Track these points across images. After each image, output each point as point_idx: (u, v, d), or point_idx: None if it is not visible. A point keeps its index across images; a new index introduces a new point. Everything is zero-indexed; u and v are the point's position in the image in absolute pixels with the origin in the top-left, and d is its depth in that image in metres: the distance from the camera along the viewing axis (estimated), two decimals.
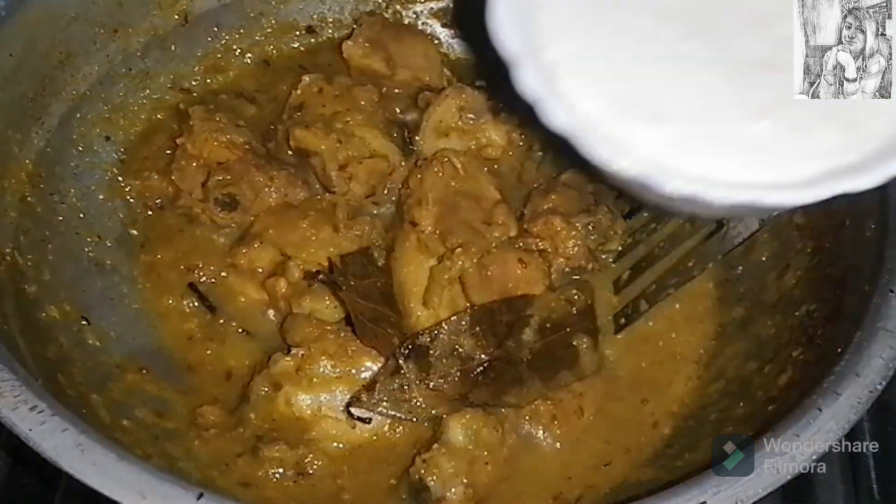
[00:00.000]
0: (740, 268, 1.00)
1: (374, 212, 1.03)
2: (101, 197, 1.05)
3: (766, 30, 0.68)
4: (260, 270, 0.99)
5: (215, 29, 1.17)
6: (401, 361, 0.87)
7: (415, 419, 0.88)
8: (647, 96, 0.67)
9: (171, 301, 1.00)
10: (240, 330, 0.99)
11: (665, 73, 0.68)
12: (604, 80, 0.68)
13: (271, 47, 1.20)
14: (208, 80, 1.17)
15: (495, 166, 1.05)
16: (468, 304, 0.91)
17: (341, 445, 0.89)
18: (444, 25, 1.23)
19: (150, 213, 1.07)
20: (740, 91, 0.67)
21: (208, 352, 0.98)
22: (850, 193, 0.64)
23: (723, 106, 0.67)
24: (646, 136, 0.66)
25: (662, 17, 0.69)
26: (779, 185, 0.65)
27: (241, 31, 1.18)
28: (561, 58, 0.68)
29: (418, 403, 0.87)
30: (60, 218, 1.00)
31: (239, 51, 1.18)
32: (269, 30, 1.20)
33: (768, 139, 0.66)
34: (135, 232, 1.06)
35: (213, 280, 1.02)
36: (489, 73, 1.07)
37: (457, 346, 0.88)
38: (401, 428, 0.90)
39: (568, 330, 0.92)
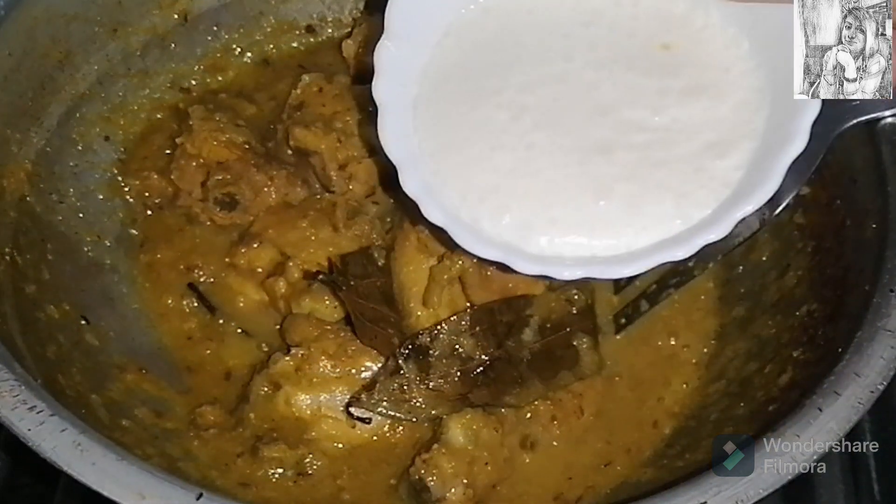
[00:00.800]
0: (741, 267, 1.00)
1: (374, 212, 1.03)
2: (100, 196, 1.05)
3: (606, 117, 0.74)
4: (259, 270, 0.99)
5: (215, 28, 1.17)
6: (401, 361, 0.86)
7: (415, 419, 0.88)
8: (497, 185, 0.74)
9: (170, 301, 1.00)
10: (239, 330, 0.99)
11: (516, 162, 0.74)
12: (461, 174, 0.74)
13: (271, 47, 1.20)
14: (208, 80, 1.17)
15: None
16: (468, 304, 0.91)
17: (341, 445, 0.89)
18: None
19: (149, 212, 1.07)
20: (582, 174, 0.73)
21: (208, 352, 0.97)
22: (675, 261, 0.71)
23: (567, 189, 0.73)
24: (498, 223, 0.73)
25: (517, 111, 0.75)
26: (619, 258, 0.72)
27: (241, 30, 1.18)
28: (427, 156, 0.75)
29: (418, 403, 0.86)
30: (60, 218, 1.00)
31: (239, 50, 1.18)
32: (268, 29, 1.19)
33: (609, 216, 0.72)
34: (134, 232, 1.06)
35: (212, 280, 1.02)
36: None
37: (457, 346, 0.87)
38: (401, 428, 0.90)
39: (568, 330, 0.91)
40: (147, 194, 1.07)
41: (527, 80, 0.76)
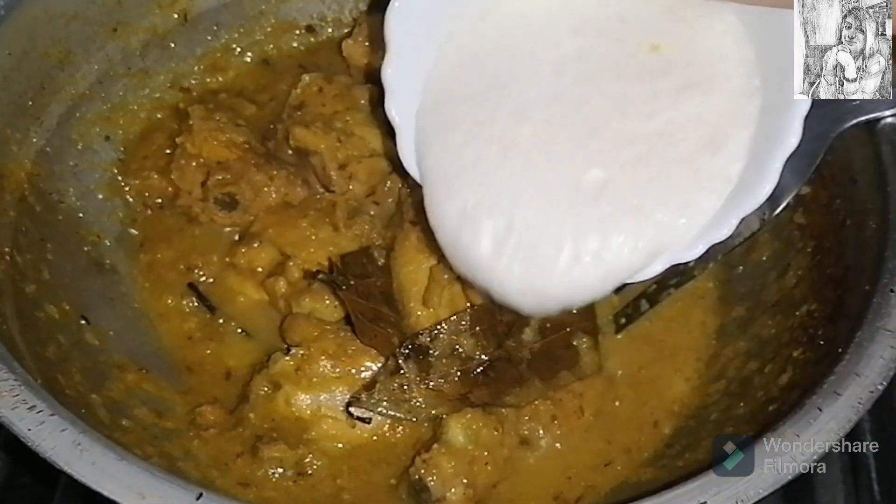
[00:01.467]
0: (741, 267, 1.00)
1: (374, 212, 1.03)
2: (100, 196, 1.05)
3: (598, 137, 0.74)
4: (259, 270, 0.99)
5: (215, 28, 1.17)
6: (401, 361, 0.86)
7: (415, 419, 0.88)
8: (489, 224, 0.74)
9: (170, 301, 1.00)
10: (239, 330, 0.99)
11: (511, 210, 0.74)
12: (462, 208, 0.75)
13: (271, 46, 1.20)
14: (208, 80, 1.17)
15: None
16: (468, 304, 0.91)
17: (341, 445, 0.89)
18: None
19: (149, 212, 1.07)
20: (576, 215, 0.73)
21: (208, 352, 0.97)
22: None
23: (563, 239, 0.73)
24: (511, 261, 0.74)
25: (508, 143, 0.75)
26: (616, 273, 0.73)
27: (241, 30, 1.18)
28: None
29: (418, 403, 0.86)
30: (60, 217, 1.00)
31: (239, 50, 1.18)
32: (268, 29, 1.20)
33: (612, 252, 0.72)
34: (134, 231, 1.06)
35: (212, 280, 1.02)
36: None
37: (457, 346, 0.87)
38: (401, 428, 0.90)
39: (568, 330, 0.91)
40: (147, 194, 1.07)
41: (518, 107, 0.76)
